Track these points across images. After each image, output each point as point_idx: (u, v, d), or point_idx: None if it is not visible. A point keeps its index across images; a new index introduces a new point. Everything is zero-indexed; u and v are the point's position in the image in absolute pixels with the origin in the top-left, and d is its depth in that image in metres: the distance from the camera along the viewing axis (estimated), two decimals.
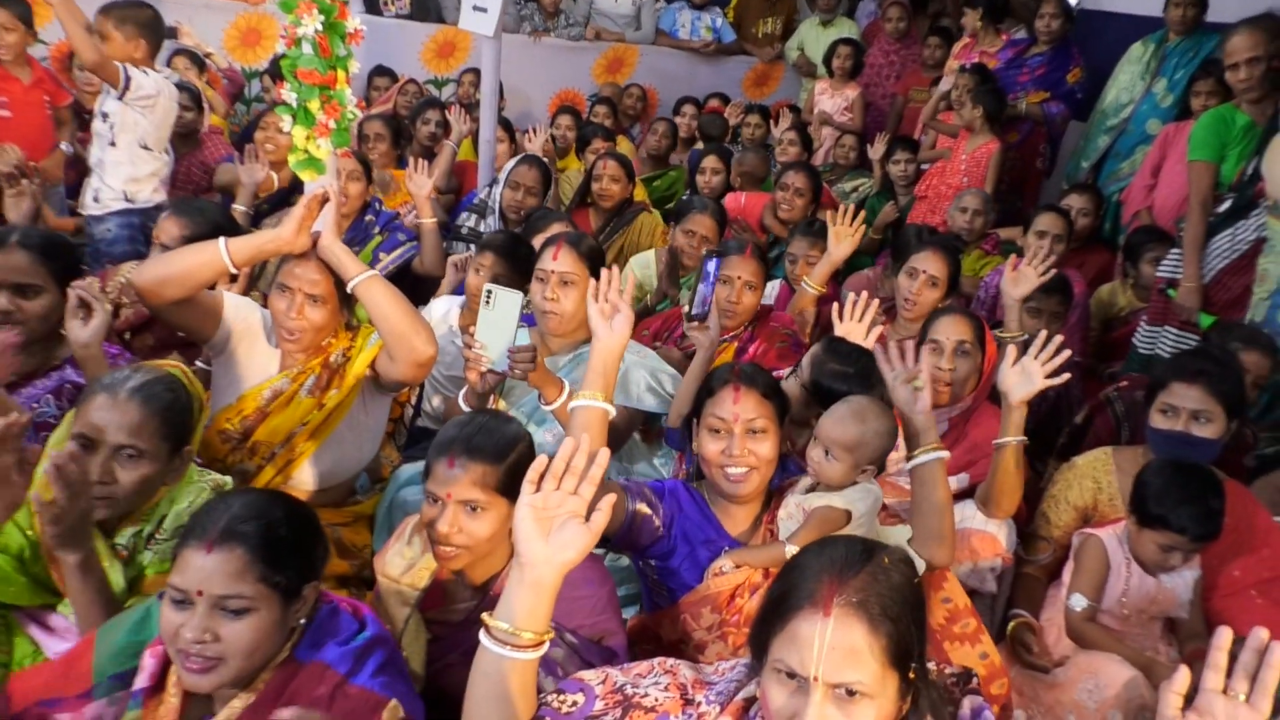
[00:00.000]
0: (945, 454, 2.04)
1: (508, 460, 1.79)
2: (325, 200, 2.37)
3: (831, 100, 6.54)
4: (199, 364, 2.67)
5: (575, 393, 1.95)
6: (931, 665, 1.35)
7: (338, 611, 1.56)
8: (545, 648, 1.30)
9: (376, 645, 1.55)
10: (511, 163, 4.32)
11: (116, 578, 1.77)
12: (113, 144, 3.70)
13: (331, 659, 1.49)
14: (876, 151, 5.48)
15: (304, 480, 2.42)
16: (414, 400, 3.09)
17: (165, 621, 1.40)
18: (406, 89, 6.03)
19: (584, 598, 1.77)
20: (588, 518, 1.30)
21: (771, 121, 6.12)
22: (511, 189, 4.18)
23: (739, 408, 2.01)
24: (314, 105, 2.69)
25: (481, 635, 1.30)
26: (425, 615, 1.86)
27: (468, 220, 4.42)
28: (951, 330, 2.75)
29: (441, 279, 3.78)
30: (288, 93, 2.66)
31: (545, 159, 4.60)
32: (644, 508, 2.01)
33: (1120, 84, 5.14)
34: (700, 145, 6.10)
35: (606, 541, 2.00)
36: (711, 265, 2.55)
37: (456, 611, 1.86)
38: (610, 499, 1.31)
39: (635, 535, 2.01)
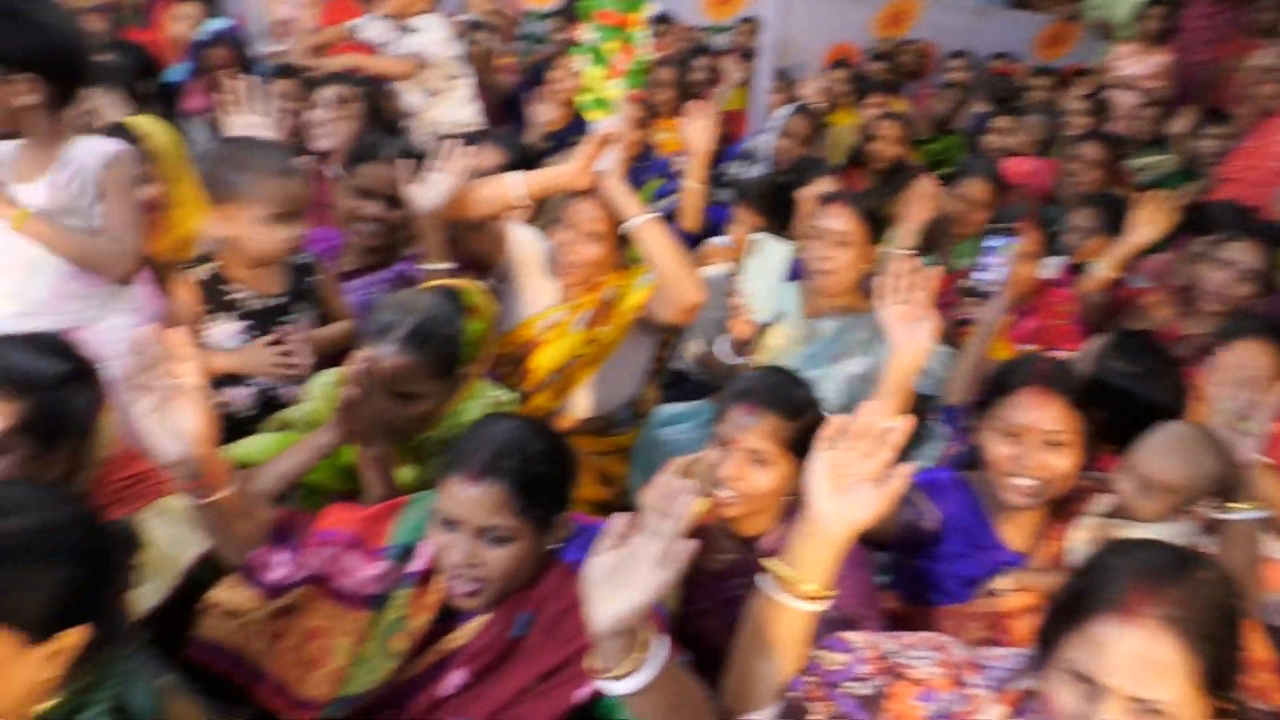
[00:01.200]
0: (1266, 514, 1.77)
1: (802, 419, 1.78)
2: (610, 141, 2.44)
3: (1136, 66, 5.96)
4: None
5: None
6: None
7: (587, 529, 1.63)
8: (824, 605, 1.29)
9: None
10: (784, 111, 4.27)
11: (410, 476, 1.93)
12: (433, 91, 4.01)
13: (565, 555, 1.57)
14: (1182, 125, 4.95)
15: (572, 409, 2.53)
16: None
17: (437, 542, 1.51)
18: (683, 35, 6.06)
19: (847, 578, 1.72)
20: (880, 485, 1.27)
21: (1063, 86, 5.68)
22: (783, 138, 4.13)
23: (1038, 415, 1.79)
24: (609, 47, 2.75)
25: (760, 580, 1.31)
26: None
27: (731, 168, 4.42)
28: (1251, 358, 2.26)
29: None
30: (585, 33, 2.74)
31: (818, 112, 4.51)
32: (915, 516, 1.89)
33: None
34: (979, 108, 5.76)
35: (881, 547, 1.92)
36: (1001, 243, 2.38)
37: (716, 561, 1.87)
38: (909, 468, 1.27)
39: (908, 542, 1.91)
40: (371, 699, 1.57)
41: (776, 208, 3.34)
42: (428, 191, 2.32)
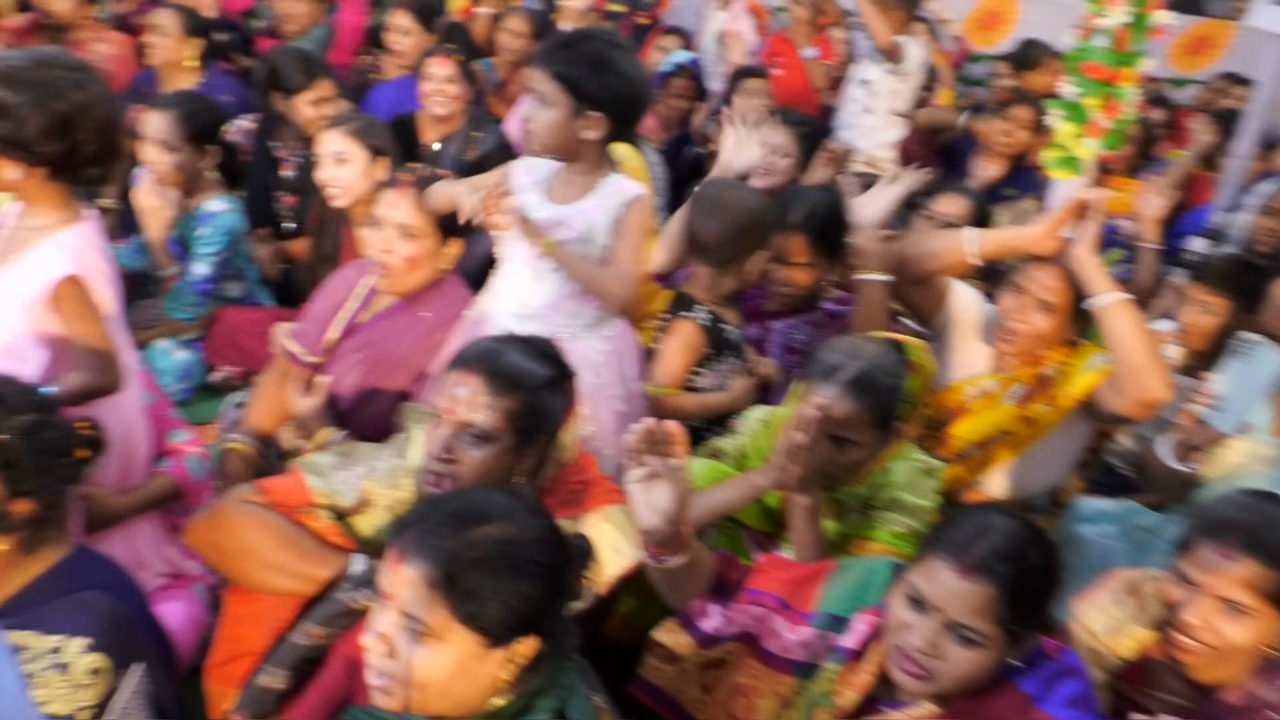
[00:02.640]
0: None
1: None
2: (1087, 207, 2.24)
3: None
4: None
5: None
6: None
7: (1044, 652, 1.49)
8: None
9: (1069, 674, 1.47)
10: (1269, 185, 3.73)
11: (831, 529, 1.91)
12: (868, 110, 3.95)
13: (1022, 681, 1.44)
14: None
15: (987, 487, 2.37)
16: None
17: (894, 615, 1.42)
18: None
19: None
20: None
21: None
22: (1266, 215, 3.60)
23: None
24: (1090, 102, 2.54)
25: None
26: (1114, 687, 1.69)
27: (1194, 245, 3.93)
28: None
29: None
30: (1066, 86, 2.55)
31: None
32: None
33: None
34: None
35: None
36: None
37: (1159, 701, 1.65)
38: None
39: None
40: None
41: (1243, 293, 2.92)
42: (869, 207, 2.42)
